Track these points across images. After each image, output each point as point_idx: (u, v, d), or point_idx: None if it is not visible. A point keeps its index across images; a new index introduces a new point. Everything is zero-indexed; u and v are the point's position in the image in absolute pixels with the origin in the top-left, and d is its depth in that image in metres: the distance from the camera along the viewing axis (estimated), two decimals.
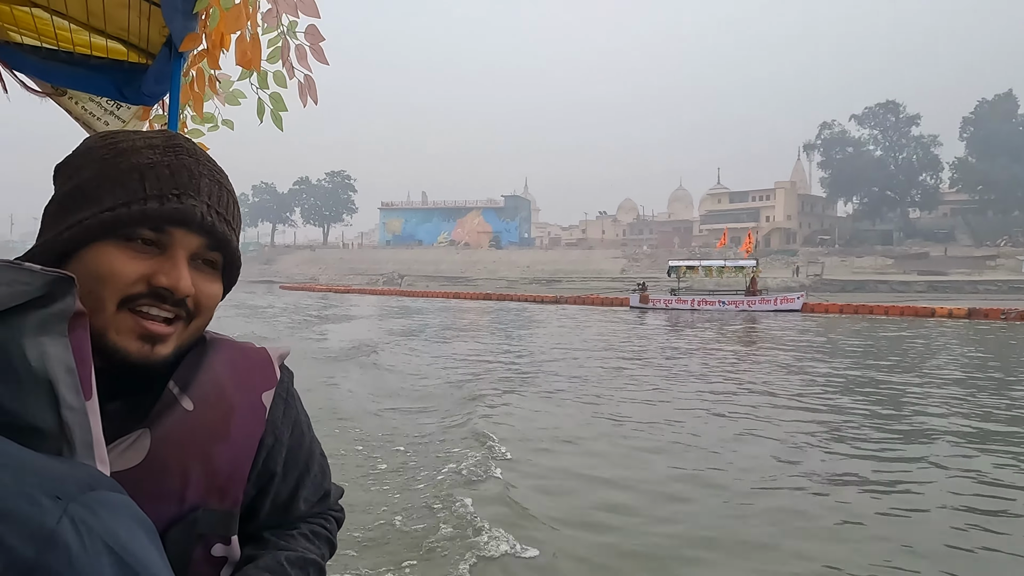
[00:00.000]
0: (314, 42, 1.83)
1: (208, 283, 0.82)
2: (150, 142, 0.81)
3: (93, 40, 2.32)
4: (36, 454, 0.41)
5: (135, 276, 0.74)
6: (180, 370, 0.83)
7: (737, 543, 5.05)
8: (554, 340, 19.72)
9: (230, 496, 0.83)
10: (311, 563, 0.91)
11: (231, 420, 0.84)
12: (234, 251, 0.85)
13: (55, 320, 0.45)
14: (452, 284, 62.61)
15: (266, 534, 0.92)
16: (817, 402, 10.33)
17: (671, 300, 34.18)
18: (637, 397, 10.69)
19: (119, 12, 2.20)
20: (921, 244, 70.53)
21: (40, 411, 0.44)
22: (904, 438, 8.09)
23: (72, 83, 2.32)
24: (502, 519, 5.38)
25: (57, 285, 0.44)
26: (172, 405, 0.81)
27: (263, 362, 0.92)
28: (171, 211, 0.76)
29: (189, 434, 0.80)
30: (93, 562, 0.38)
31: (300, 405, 0.97)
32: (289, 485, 0.94)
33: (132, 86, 2.25)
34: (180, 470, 0.79)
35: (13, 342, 0.42)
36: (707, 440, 7.98)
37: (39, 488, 0.38)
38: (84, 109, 2.44)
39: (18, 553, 0.35)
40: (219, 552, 0.82)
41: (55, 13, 2.24)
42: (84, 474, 0.43)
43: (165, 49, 2.11)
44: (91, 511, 0.40)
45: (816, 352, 16.65)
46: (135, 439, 0.77)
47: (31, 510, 0.37)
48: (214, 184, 0.82)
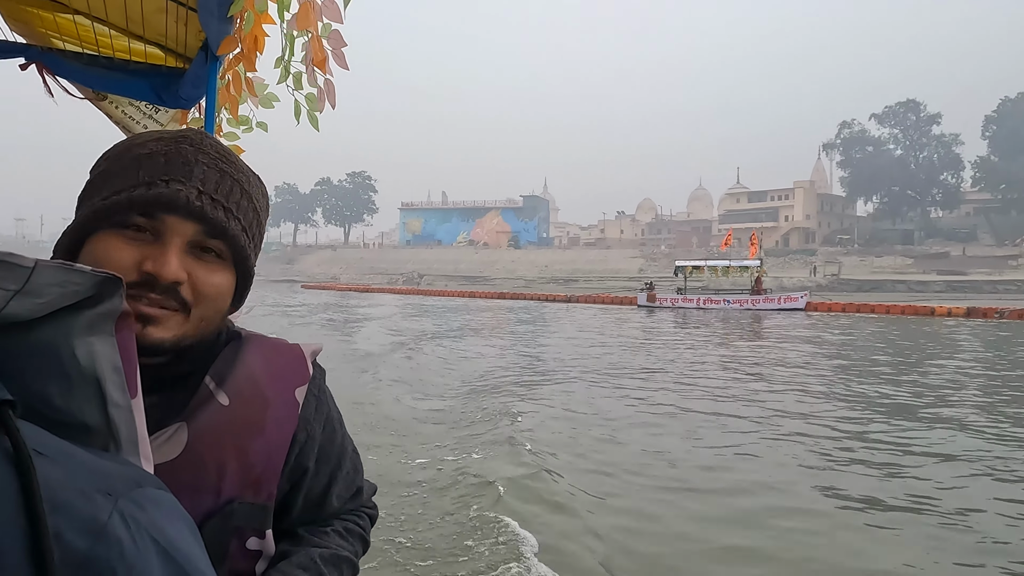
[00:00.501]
0: (336, 47, 1.84)
1: (208, 272, 0.80)
2: (160, 136, 0.82)
3: (132, 45, 2.36)
4: (86, 451, 0.42)
5: (127, 263, 0.75)
6: (216, 365, 0.85)
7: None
8: (557, 333, 21.71)
9: (264, 490, 0.84)
10: (344, 560, 0.92)
11: (265, 415, 0.85)
12: (234, 238, 0.82)
13: (103, 320, 0.46)
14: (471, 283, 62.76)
15: (300, 530, 0.93)
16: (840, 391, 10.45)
17: (677, 299, 34.89)
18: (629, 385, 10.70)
19: (157, 18, 2.24)
20: (942, 244, 69.47)
21: (88, 408, 0.45)
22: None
23: (112, 87, 2.37)
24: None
25: (105, 286, 0.45)
26: (208, 399, 0.82)
27: (296, 358, 0.92)
28: (155, 195, 0.76)
29: (225, 428, 0.81)
30: (142, 556, 0.38)
31: (332, 402, 0.98)
32: (321, 481, 0.94)
33: (170, 90, 2.29)
34: (216, 463, 0.80)
35: (64, 341, 0.43)
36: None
37: (91, 484, 0.39)
38: (124, 113, 2.49)
39: (73, 545, 0.36)
40: (254, 546, 0.84)
41: (96, 20, 2.29)
42: (131, 471, 0.44)
43: (201, 53, 2.15)
44: (139, 507, 0.40)
45: (810, 344, 18.13)
46: (173, 432, 0.78)
47: (84, 504, 0.38)
48: (212, 171, 0.81)
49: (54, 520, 0.35)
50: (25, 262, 0.40)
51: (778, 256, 70.17)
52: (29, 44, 2.32)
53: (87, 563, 0.36)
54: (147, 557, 0.39)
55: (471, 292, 50.27)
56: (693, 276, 36.83)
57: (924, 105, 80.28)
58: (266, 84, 2.30)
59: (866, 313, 29.60)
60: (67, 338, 0.43)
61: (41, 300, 0.41)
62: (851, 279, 51.75)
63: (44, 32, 2.34)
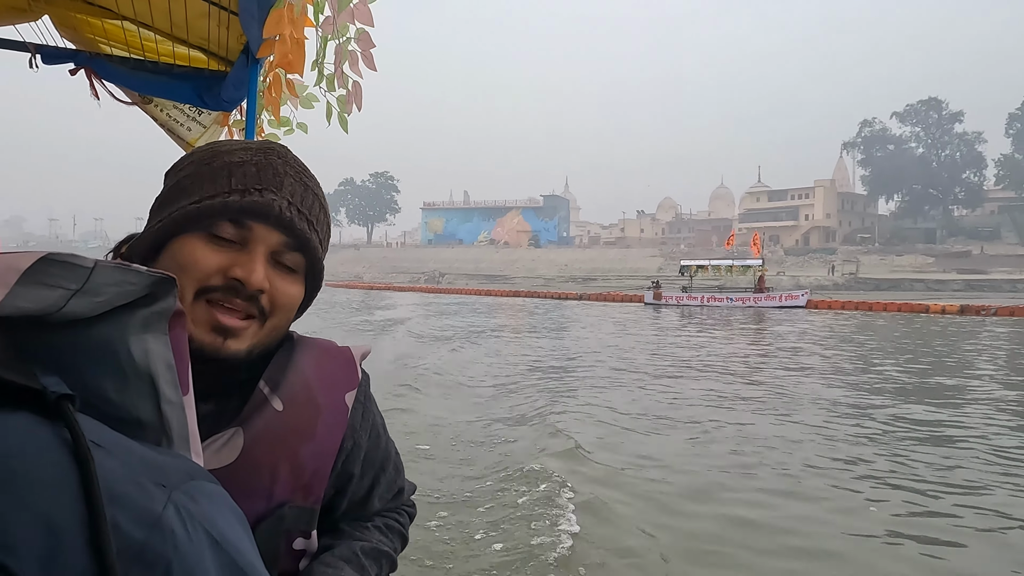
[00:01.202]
0: (365, 48, 1.84)
1: (286, 283, 0.81)
2: (246, 146, 0.83)
3: (176, 50, 2.40)
4: (141, 444, 0.43)
5: (214, 267, 0.76)
6: (269, 370, 0.85)
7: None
8: (564, 327, 23.34)
9: (313, 494, 0.84)
10: (384, 555, 0.93)
11: (317, 421, 0.85)
12: (314, 251, 0.83)
13: (157, 319, 0.47)
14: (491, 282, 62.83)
15: (342, 524, 0.94)
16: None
17: (682, 297, 36.07)
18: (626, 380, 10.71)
19: (200, 22, 2.28)
20: (964, 242, 68.25)
21: (142, 404, 0.46)
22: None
23: (157, 91, 2.41)
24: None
25: (159, 286, 0.46)
26: (263, 405, 0.82)
27: (347, 362, 0.92)
28: (250, 203, 0.77)
29: (279, 433, 0.82)
30: (195, 547, 0.39)
31: (376, 407, 0.98)
32: (365, 484, 0.95)
33: (212, 93, 2.33)
34: (270, 468, 0.80)
35: (120, 339, 0.44)
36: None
37: (146, 475, 0.40)
38: (168, 116, 2.53)
39: (130, 535, 0.37)
40: (300, 545, 0.84)
41: (142, 25, 2.34)
42: (184, 464, 0.45)
43: (243, 56, 2.18)
44: (192, 499, 0.41)
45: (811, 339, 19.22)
46: (229, 437, 0.79)
47: (140, 495, 0.38)
48: (298, 184, 0.82)
49: (111, 510, 0.36)
50: (85, 262, 0.41)
51: (798, 255, 69.41)
52: (79, 50, 2.38)
53: (142, 553, 0.37)
54: (199, 548, 0.39)
55: (487, 291, 50.98)
56: (698, 275, 38.11)
57: (946, 103, 79.02)
58: (306, 85, 2.33)
59: (864, 311, 30.43)
60: (123, 336, 0.45)
61: (99, 299, 0.42)
62: (869, 278, 50.95)
63: (92, 38, 2.39)
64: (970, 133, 77.17)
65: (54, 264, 0.40)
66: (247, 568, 0.42)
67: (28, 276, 0.38)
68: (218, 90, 2.30)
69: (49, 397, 0.39)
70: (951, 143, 77.82)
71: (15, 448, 0.36)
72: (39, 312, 0.40)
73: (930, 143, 78.97)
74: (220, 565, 0.40)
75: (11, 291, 0.37)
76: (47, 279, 0.39)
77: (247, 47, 2.10)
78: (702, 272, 37.63)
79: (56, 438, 0.37)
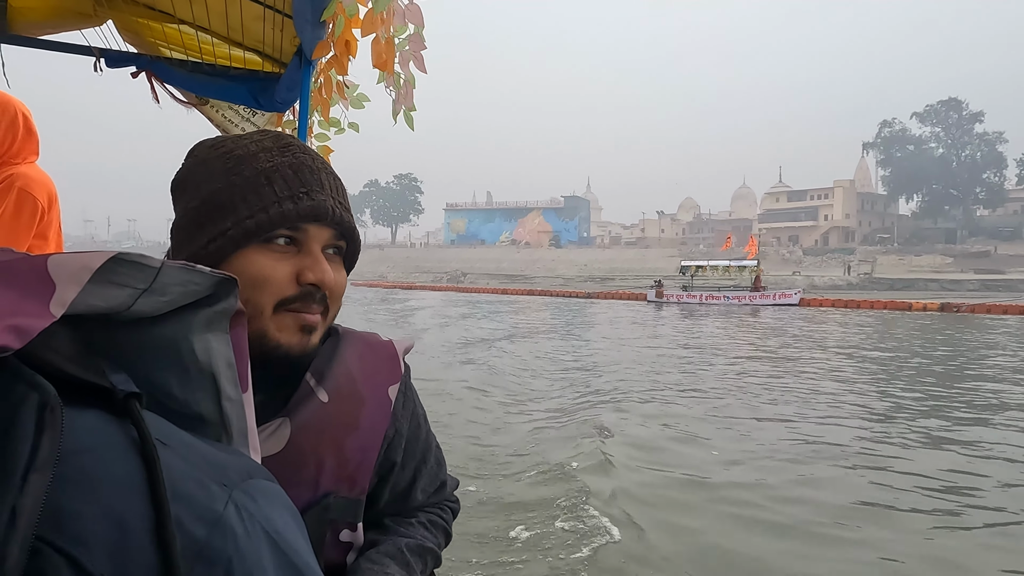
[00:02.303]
0: (416, 49, 1.85)
1: (337, 272, 0.83)
2: (262, 144, 0.81)
3: (232, 52, 2.44)
4: (202, 441, 0.44)
5: (286, 277, 0.76)
6: (316, 363, 0.86)
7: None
8: (588, 323, 25.27)
9: (358, 485, 0.85)
10: (428, 551, 0.93)
11: (361, 412, 0.86)
12: (358, 237, 0.86)
13: (219, 318, 0.47)
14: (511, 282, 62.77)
15: (387, 521, 0.95)
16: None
17: (682, 295, 37.82)
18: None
19: (255, 25, 2.31)
20: (984, 242, 66.96)
21: (204, 401, 0.46)
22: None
23: (214, 93, 2.45)
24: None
25: (222, 286, 0.47)
26: (309, 396, 0.83)
27: (390, 356, 0.93)
28: (306, 208, 0.77)
29: (324, 425, 0.82)
30: (254, 546, 0.40)
31: (417, 398, 0.99)
32: (407, 475, 0.95)
33: (266, 94, 2.36)
34: (315, 458, 0.81)
35: (184, 337, 0.45)
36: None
37: (208, 474, 0.41)
38: (224, 117, 2.57)
39: (192, 533, 0.37)
40: (346, 538, 0.85)
41: (200, 29, 2.38)
42: (244, 462, 0.45)
43: (296, 58, 2.20)
44: (251, 498, 0.42)
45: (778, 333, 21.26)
46: (276, 427, 0.80)
47: (202, 494, 0.39)
48: (330, 177, 0.83)
49: (175, 508, 0.37)
50: (152, 262, 0.42)
51: (816, 255, 68.54)
52: (140, 53, 2.42)
53: (204, 551, 0.37)
54: (258, 547, 0.40)
55: (503, 289, 52.38)
56: (698, 275, 40.05)
57: (966, 103, 77.68)
58: (357, 86, 2.35)
59: (852, 308, 31.67)
60: (186, 334, 0.45)
61: (165, 298, 0.43)
62: (884, 278, 50.03)
63: (153, 42, 2.43)
64: (991, 133, 75.71)
65: (123, 264, 0.40)
66: (303, 568, 0.43)
67: (99, 275, 0.39)
68: (272, 91, 2.33)
69: (118, 395, 0.39)
70: (971, 143, 76.37)
71: (87, 445, 0.36)
72: (109, 310, 0.40)
73: (950, 143, 77.59)
74: (277, 564, 0.41)
75: (84, 289, 0.38)
76: (117, 278, 0.40)
77: (300, 49, 2.12)
78: (701, 272, 39.58)
79: (124, 436, 0.38)
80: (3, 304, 0.35)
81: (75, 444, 0.36)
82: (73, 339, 0.41)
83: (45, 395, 0.35)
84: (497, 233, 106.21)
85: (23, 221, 2.41)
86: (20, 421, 0.34)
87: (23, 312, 0.35)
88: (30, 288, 0.36)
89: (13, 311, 0.34)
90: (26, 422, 0.34)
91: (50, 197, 2.52)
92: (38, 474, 0.33)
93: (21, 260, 0.38)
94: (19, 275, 0.37)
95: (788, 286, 40.13)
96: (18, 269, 0.37)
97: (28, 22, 2.29)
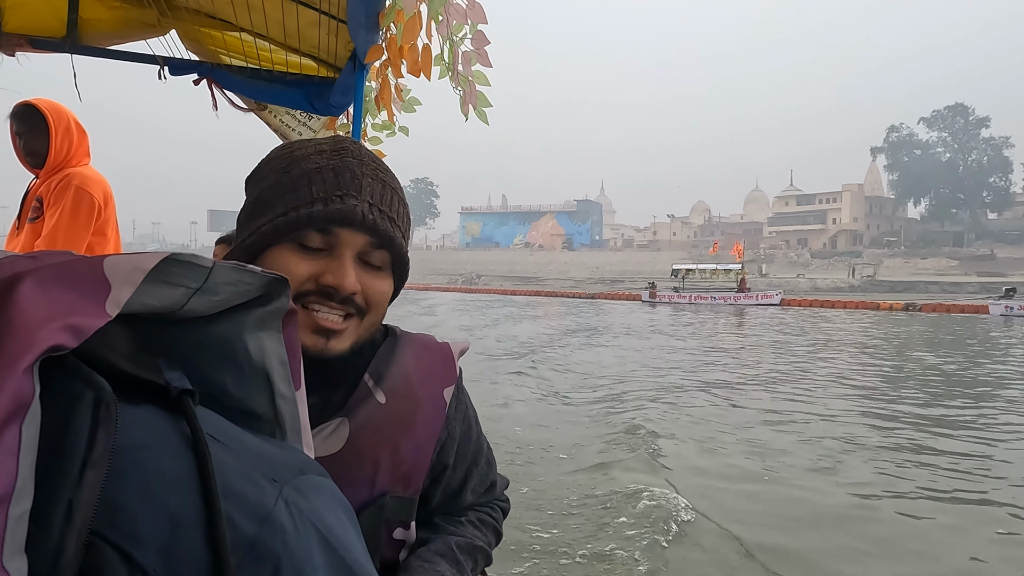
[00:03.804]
0: (479, 46, 1.83)
1: (376, 280, 0.81)
2: (319, 148, 0.82)
3: (289, 58, 2.47)
4: (254, 436, 0.44)
5: (305, 275, 0.76)
6: (374, 364, 0.86)
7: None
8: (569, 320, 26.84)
9: (412, 485, 0.85)
10: (479, 550, 0.93)
11: (417, 413, 0.86)
12: (399, 248, 0.82)
13: (272, 317, 0.47)
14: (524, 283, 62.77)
15: (437, 519, 0.94)
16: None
17: (673, 296, 40.34)
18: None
19: (311, 31, 2.34)
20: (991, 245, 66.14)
21: (258, 398, 0.46)
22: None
23: (271, 98, 2.48)
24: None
25: (273, 286, 0.47)
26: (367, 397, 0.83)
27: (446, 358, 0.92)
28: (334, 211, 0.76)
29: (381, 425, 0.82)
30: (304, 543, 0.39)
31: (469, 400, 0.98)
32: (459, 476, 0.95)
33: (321, 98, 2.38)
34: (372, 458, 0.81)
35: (237, 336, 0.45)
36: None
37: (259, 470, 0.40)
38: (281, 121, 2.61)
39: (242, 529, 0.37)
40: (399, 536, 0.85)
41: (258, 36, 2.41)
42: (295, 458, 0.45)
43: (350, 63, 2.23)
44: (302, 494, 0.41)
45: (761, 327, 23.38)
46: (335, 427, 0.80)
47: (253, 490, 0.39)
48: (376, 183, 0.81)
49: (226, 504, 0.36)
50: (205, 263, 0.42)
51: (824, 258, 67.98)
52: (201, 61, 2.46)
53: (253, 547, 0.37)
54: (308, 544, 0.39)
55: (513, 290, 53.57)
56: (688, 277, 42.84)
57: (972, 109, 76.89)
58: (410, 89, 2.38)
59: (828, 308, 33.98)
60: (240, 333, 0.45)
61: (217, 298, 0.43)
62: (886, 280, 49.60)
63: (214, 50, 2.47)
64: (997, 138, 74.97)
65: (176, 264, 0.40)
66: (354, 565, 0.42)
67: (153, 275, 0.39)
68: (327, 96, 2.36)
69: (172, 392, 0.40)
70: (977, 148, 75.68)
71: (141, 441, 0.37)
72: (163, 310, 0.40)
73: (957, 148, 76.87)
74: (327, 561, 0.40)
75: (138, 289, 0.38)
76: (170, 278, 0.40)
77: (354, 53, 2.14)
78: (691, 275, 42.45)
79: (178, 432, 0.38)
80: (61, 304, 0.35)
81: (129, 440, 0.36)
82: (129, 338, 0.41)
83: (100, 392, 0.35)
84: (511, 236, 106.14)
85: (81, 219, 2.47)
86: (77, 417, 0.34)
87: (80, 312, 0.35)
88: (87, 289, 0.37)
89: (70, 311, 0.35)
90: (82, 418, 0.34)
91: (106, 195, 2.58)
92: (94, 470, 0.33)
93: (79, 261, 0.38)
94: (77, 276, 0.37)
95: (773, 288, 42.65)
96: (76, 270, 0.38)
97: (97, 33, 2.34)
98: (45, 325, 0.33)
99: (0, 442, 0.30)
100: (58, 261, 0.38)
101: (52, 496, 0.32)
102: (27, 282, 0.35)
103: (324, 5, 2.18)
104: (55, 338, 0.33)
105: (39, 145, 2.45)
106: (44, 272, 0.36)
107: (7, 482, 0.30)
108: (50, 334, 0.33)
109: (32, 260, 0.38)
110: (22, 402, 0.31)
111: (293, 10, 2.24)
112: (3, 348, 0.31)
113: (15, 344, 0.32)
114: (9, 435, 0.30)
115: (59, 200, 2.44)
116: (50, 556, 0.31)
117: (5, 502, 0.30)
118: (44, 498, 0.32)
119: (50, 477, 0.32)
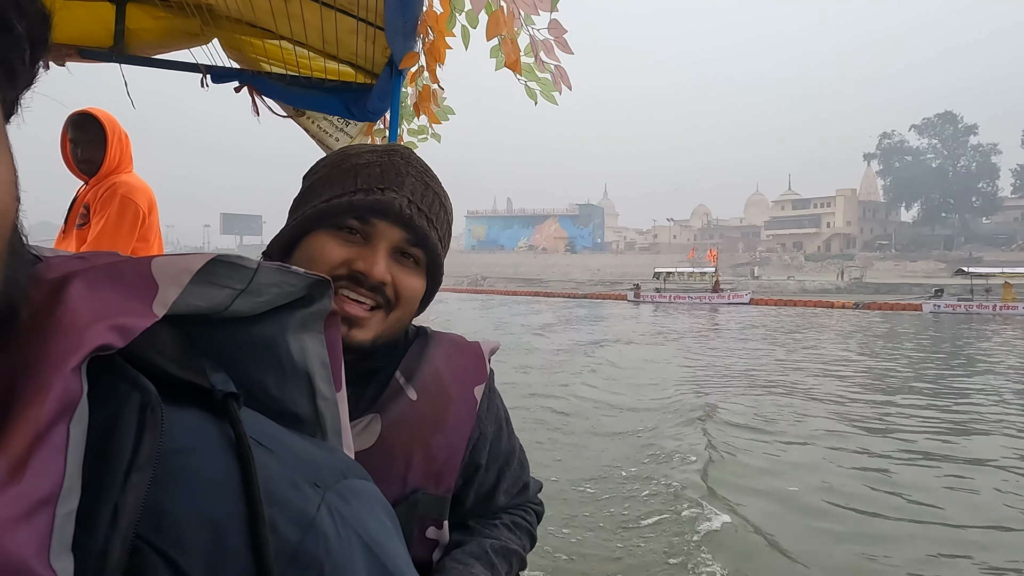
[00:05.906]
0: (557, 35, 1.79)
1: (408, 276, 0.80)
2: (374, 148, 0.83)
3: (327, 65, 2.45)
4: (297, 438, 0.42)
5: (338, 260, 0.76)
6: (405, 362, 0.85)
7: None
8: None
9: (444, 482, 0.83)
10: (513, 553, 0.91)
11: (448, 411, 0.84)
12: (434, 248, 0.81)
13: (314, 319, 0.46)
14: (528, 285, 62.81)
15: (471, 522, 0.92)
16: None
17: (655, 295, 44.77)
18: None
19: (349, 38, 2.32)
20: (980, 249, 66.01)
21: (300, 400, 0.45)
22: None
23: (310, 104, 2.46)
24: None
25: (316, 287, 0.45)
26: (399, 394, 0.82)
27: (477, 357, 0.91)
28: (373, 201, 0.76)
29: (413, 422, 0.81)
30: (346, 550, 0.38)
31: (501, 401, 0.96)
32: (491, 477, 0.93)
33: (359, 104, 2.36)
34: (404, 455, 0.80)
35: (280, 337, 0.44)
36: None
37: (302, 475, 0.39)
38: (319, 127, 2.59)
39: (286, 536, 0.36)
40: (432, 535, 0.84)
41: (297, 44, 2.39)
42: (338, 460, 0.43)
43: (387, 68, 2.20)
44: (344, 500, 0.40)
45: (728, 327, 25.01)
46: (367, 423, 0.79)
47: (296, 496, 0.37)
48: (419, 183, 0.81)
49: (270, 510, 0.35)
50: (249, 264, 0.41)
51: (817, 261, 67.91)
52: (242, 69, 2.44)
53: (297, 554, 0.36)
54: (350, 551, 0.38)
55: (514, 291, 55.16)
56: (669, 279, 47.26)
57: (961, 116, 77.31)
58: (444, 96, 2.35)
59: (791, 306, 36.80)
60: (282, 334, 0.44)
61: (261, 299, 0.42)
62: (872, 282, 49.81)
63: (255, 57, 2.45)
64: (985, 145, 75.31)
65: (222, 265, 0.39)
66: (395, 572, 0.41)
67: (200, 276, 0.38)
68: (364, 102, 2.33)
69: (216, 395, 0.39)
70: (966, 154, 76.04)
71: (185, 445, 0.36)
72: (209, 310, 0.40)
73: (946, 154, 77.13)
74: (369, 568, 0.39)
75: (185, 290, 0.37)
76: (216, 279, 0.39)
77: (391, 59, 2.12)
78: (671, 277, 46.99)
79: (222, 436, 0.37)
80: (109, 304, 0.34)
81: (174, 444, 0.35)
82: (175, 339, 0.40)
83: (146, 395, 0.35)
84: (516, 239, 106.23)
85: (126, 226, 2.45)
86: (123, 420, 0.33)
87: (127, 312, 0.35)
88: (135, 289, 0.36)
89: (118, 311, 0.34)
90: (128, 421, 0.33)
91: (150, 203, 2.56)
92: (139, 473, 0.32)
93: (127, 262, 0.38)
94: (125, 277, 0.37)
95: (742, 289, 46.41)
96: (124, 271, 0.37)
97: (143, 43, 2.32)
98: (93, 325, 0.32)
99: (48, 440, 0.29)
100: (107, 262, 0.37)
101: (97, 498, 0.31)
102: (77, 282, 0.35)
103: (362, 12, 2.16)
104: (103, 338, 0.32)
105: (96, 154, 2.44)
106: (94, 272, 0.36)
107: (55, 480, 0.29)
108: (98, 334, 0.32)
109: (82, 260, 0.37)
110: (70, 401, 0.30)
111: (332, 17, 2.22)
112: (52, 347, 0.31)
113: (64, 343, 0.31)
114: (57, 433, 0.30)
115: (105, 208, 2.43)
116: (95, 559, 0.30)
117: (53, 500, 0.29)
118: (89, 500, 0.31)
119: (96, 479, 0.32)
